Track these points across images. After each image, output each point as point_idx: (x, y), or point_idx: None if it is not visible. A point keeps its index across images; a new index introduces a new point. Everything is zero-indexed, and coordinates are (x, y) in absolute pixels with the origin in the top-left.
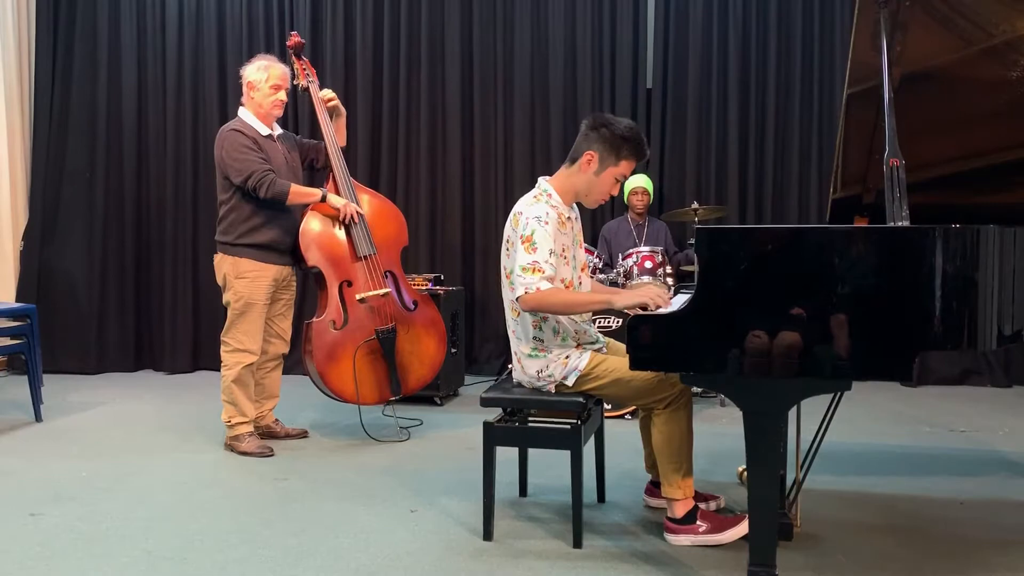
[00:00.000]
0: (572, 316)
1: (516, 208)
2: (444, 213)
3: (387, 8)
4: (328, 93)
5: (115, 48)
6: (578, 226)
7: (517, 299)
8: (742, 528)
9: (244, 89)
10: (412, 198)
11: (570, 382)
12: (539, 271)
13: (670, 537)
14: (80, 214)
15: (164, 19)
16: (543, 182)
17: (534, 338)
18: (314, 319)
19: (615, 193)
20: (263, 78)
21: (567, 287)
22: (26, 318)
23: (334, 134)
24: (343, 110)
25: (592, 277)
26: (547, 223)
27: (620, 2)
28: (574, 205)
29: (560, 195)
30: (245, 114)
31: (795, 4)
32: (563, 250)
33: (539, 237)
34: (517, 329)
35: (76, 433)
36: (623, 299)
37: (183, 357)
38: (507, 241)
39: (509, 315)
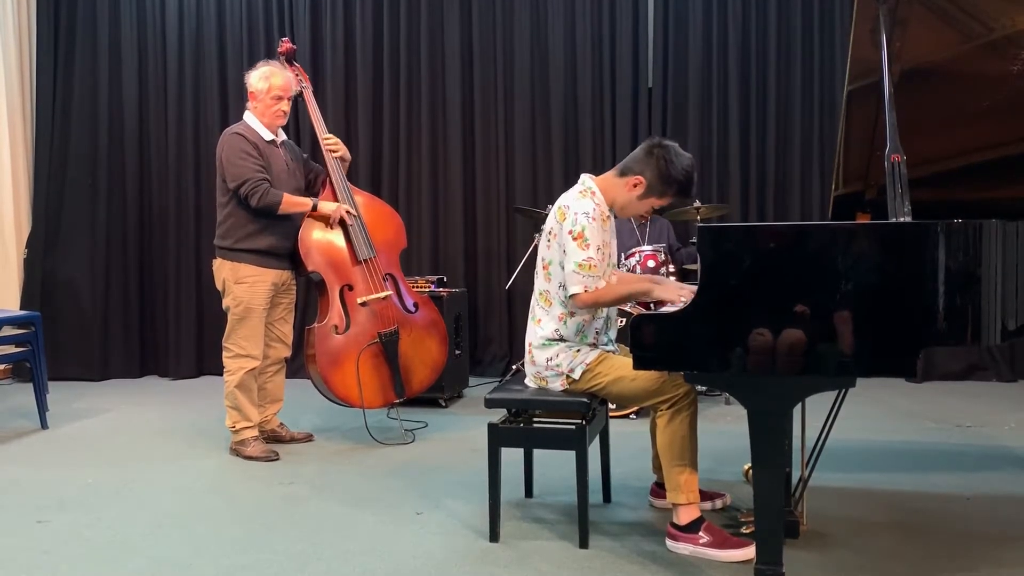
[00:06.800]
0: (598, 314)
1: (562, 201)
2: (446, 215)
3: (387, 9)
4: (331, 142)
5: (115, 56)
6: (613, 224)
7: (572, 296)
8: (744, 553)
9: (248, 96)
10: (414, 200)
11: (576, 374)
12: (594, 267)
13: (670, 543)
14: (83, 221)
15: (164, 26)
16: (587, 179)
17: (555, 330)
18: (316, 324)
19: (647, 217)
20: (264, 88)
21: None
22: (30, 326)
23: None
24: (349, 156)
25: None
26: (594, 219)
27: (620, 1)
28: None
29: (603, 195)
30: (250, 118)
31: (795, 1)
32: (603, 246)
33: (589, 233)
34: (543, 318)
35: (81, 440)
36: (660, 291)
37: (187, 363)
38: (549, 232)
39: (537, 303)
